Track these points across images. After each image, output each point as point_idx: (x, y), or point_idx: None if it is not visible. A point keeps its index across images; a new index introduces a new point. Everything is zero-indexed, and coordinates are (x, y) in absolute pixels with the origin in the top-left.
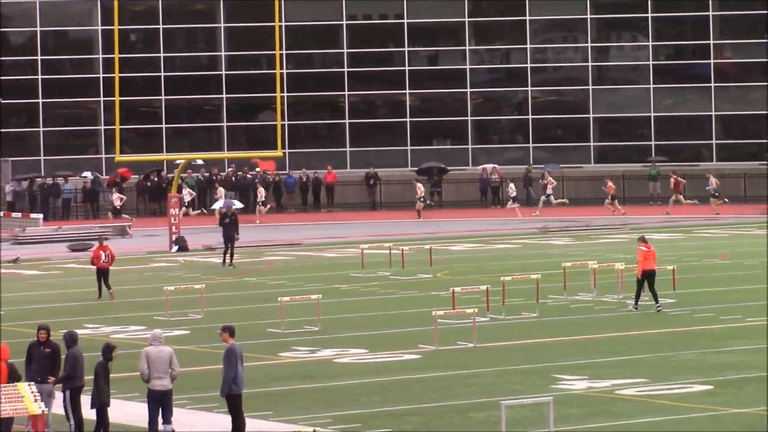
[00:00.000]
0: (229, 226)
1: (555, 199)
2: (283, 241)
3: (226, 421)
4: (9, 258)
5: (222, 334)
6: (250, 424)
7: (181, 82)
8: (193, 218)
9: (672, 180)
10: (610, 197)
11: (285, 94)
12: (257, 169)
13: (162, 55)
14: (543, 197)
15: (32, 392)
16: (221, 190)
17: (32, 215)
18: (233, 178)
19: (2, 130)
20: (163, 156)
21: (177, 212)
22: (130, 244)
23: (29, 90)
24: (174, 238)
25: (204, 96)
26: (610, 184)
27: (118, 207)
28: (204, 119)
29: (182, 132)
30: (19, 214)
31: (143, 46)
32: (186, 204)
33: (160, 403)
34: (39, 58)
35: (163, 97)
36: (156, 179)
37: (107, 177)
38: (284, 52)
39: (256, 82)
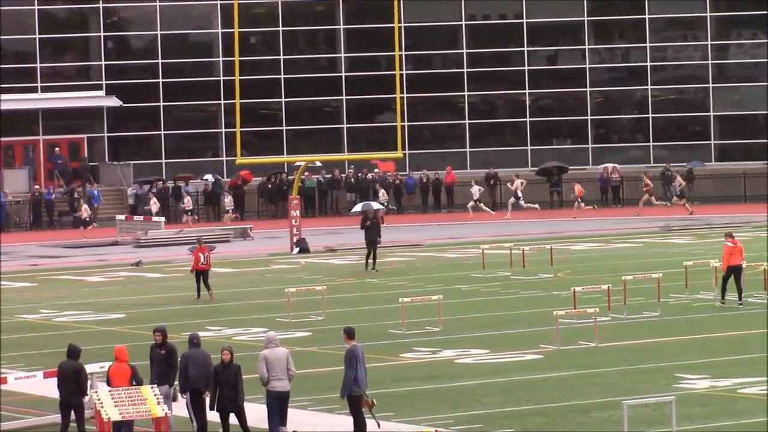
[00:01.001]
0: (371, 229)
1: (525, 203)
2: (404, 242)
3: (347, 422)
4: (131, 261)
5: (344, 335)
6: (372, 425)
7: (301, 84)
8: (312, 219)
9: (644, 181)
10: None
11: (405, 95)
12: (376, 170)
13: (282, 57)
14: (511, 200)
15: (155, 395)
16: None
17: (154, 218)
18: (353, 179)
19: (124, 133)
20: (284, 158)
21: (297, 214)
22: (251, 246)
23: (150, 93)
24: (295, 240)
25: (324, 98)
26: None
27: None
28: (324, 121)
29: (302, 134)
30: (141, 217)
31: (263, 49)
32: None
33: (279, 403)
34: (160, 61)
35: (283, 100)
36: (276, 181)
37: (228, 179)
38: (404, 53)
39: (375, 84)
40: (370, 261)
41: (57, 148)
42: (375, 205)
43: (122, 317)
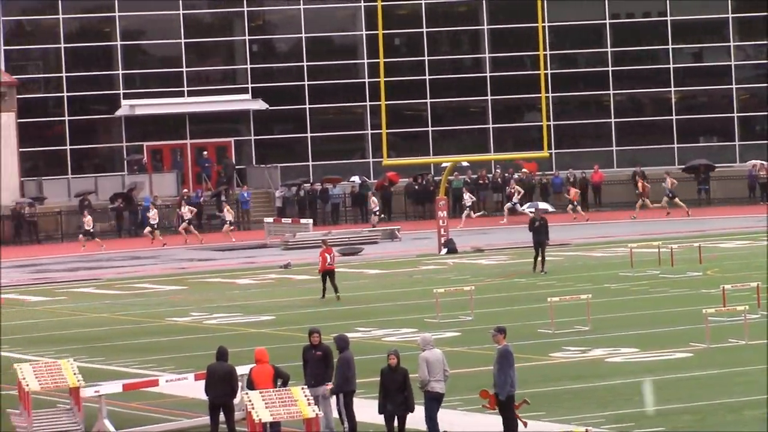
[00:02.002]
0: (539, 230)
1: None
2: (551, 242)
3: (497, 422)
4: (280, 263)
5: (496, 335)
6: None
7: (446, 84)
8: (472, 220)
9: (639, 184)
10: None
11: (550, 95)
12: (523, 170)
13: (426, 58)
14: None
15: (306, 396)
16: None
17: (302, 220)
18: (500, 179)
19: (271, 136)
20: (430, 159)
21: (445, 215)
22: (399, 248)
23: (296, 96)
24: (443, 241)
25: (469, 98)
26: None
27: (89, 229)
28: (470, 121)
29: (448, 134)
30: (289, 220)
31: (407, 50)
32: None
33: (438, 403)
34: (305, 64)
35: (428, 100)
36: (423, 182)
37: (375, 181)
38: (548, 52)
39: (520, 83)
40: (539, 261)
41: (205, 152)
42: (543, 206)
43: (272, 319)
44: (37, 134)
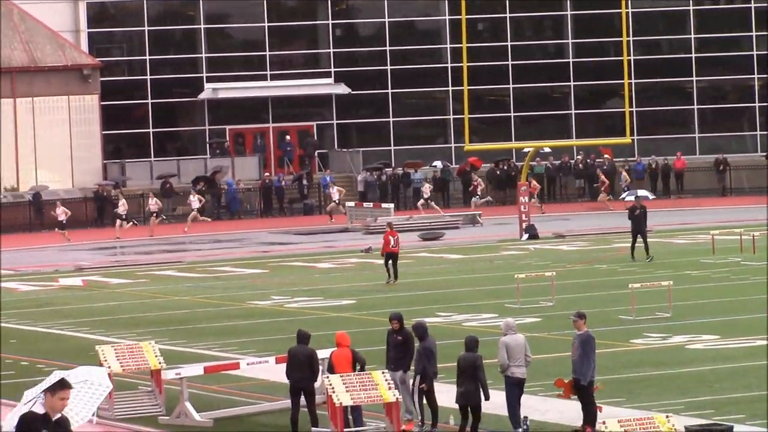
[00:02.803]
0: (639, 219)
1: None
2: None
3: (576, 407)
4: (361, 247)
5: (576, 321)
6: (604, 410)
7: (529, 70)
8: (534, 208)
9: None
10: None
11: (633, 81)
12: (606, 156)
13: (509, 43)
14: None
15: (386, 380)
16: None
17: (383, 205)
18: (581, 165)
19: (353, 120)
20: (512, 144)
21: (526, 200)
22: (480, 233)
23: (379, 81)
24: (524, 226)
25: (552, 84)
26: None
27: (62, 220)
28: (552, 107)
29: (530, 120)
30: (371, 204)
31: (490, 35)
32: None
33: (519, 389)
34: (387, 48)
35: (510, 86)
36: (505, 167)
37: (456, 166)
38: (631, 38)
39: (603, 69)
40: (636, 248)
41: (287, 136)
42: (643, 194)
43: (352, 303)
44: (120, 117)
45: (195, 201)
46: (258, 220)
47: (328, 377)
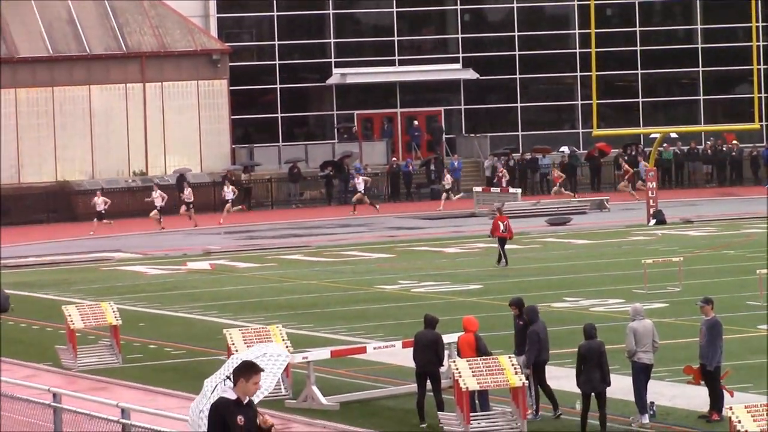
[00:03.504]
0: None
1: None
2: (759, 214)
3: (703, 393)
4: (488, 232)
5: (703, 306)
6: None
7: (657, 56)
8: (669, 191)
9: (623, 167)
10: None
11: (761, 67)
12: (734, 142)
13: (638, 29)
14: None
15: (513, 365)
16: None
17: (511, 190)
18: (710, 151)
19: (481, 106)
20: (639, 130)
21: (654, 186)
22: (608, 218)
23: (507, 66)
24: (652, 212)
25: (680, 69)
26: (557, 174)
27: (102, 210)
28: (680, 92)
29: (658, 105)
30: (498, 189)
31: (619, 21)
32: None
33: (646, 375)
34: (516, 34)
35: (639, 72)
36: (633, 153)
37: (584, 151)
38: (760, 24)
39: (732, 55)
40: None
41: (415, 121)
42: None
43: (479, 288)
44: (249, 102)
45: (229, 192)
46: (386, 204)
47: (454, 361)
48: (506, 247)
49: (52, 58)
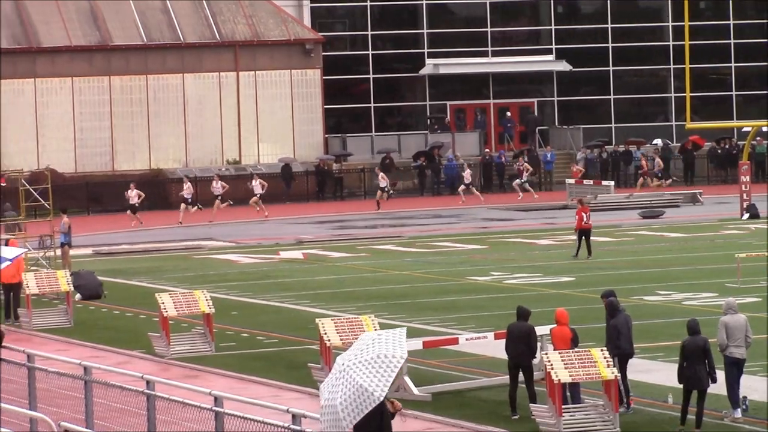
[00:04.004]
0: None
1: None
2: None
3: None
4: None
5: None
6: None
7: (751, 49)
8: (763, 185)
9: (642, 162)
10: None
11: None
12: None
13: (731, 22)
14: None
15: (605, 357)
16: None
17: (603, 182)
18: None
19: (574, 97)
20: (733, 123)
21: (747, 179)
22: (701, 212)
23: (600, 58)
24: (745, 206)
25: None
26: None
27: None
28: None
29: (752, 99)
30: (591, 182)
31: (712, 14)
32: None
33: (738, 369)
34: (609, 26)
35: (732, 65)
36: (726, 146)
37: (677, 144)
38: None
39: None
40: None
41: (508, 112)
42: None
43: (572, 280)
44: (342, 91)
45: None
46: (477, 195)
47: (546, 354)
48: (593, 239)
49: (146, 46)
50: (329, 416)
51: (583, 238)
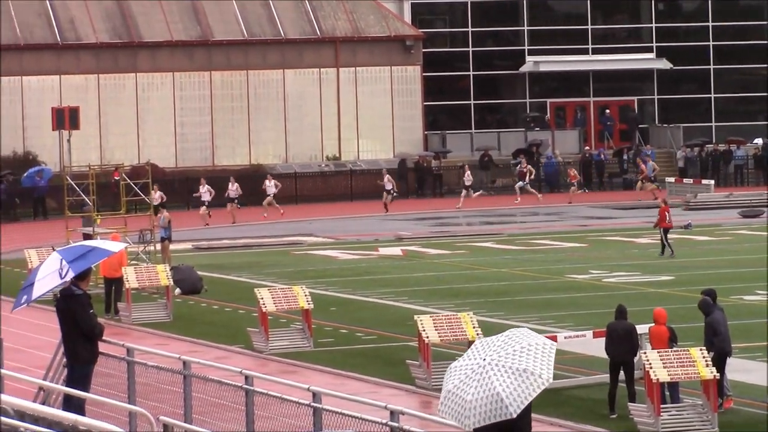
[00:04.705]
0: None
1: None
2: None
3: None
4: (681, 223)
5: None
6: None
7: None
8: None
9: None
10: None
11: None
12: None
13: None
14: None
15: (704, 357)
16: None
17: (704, 181)
18: None
19: (674, 96)
20: None
21: None
22: None
23: (700, 56)
24: None
25: None
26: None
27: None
28: None
29: None
30: (691, 180)
31: None
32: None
33: None
34: (710, 24)
35: None
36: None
37: None
38: None
39: None
40: None
41: (607, 110)
42: None
43: (671, 279)
44: (441, 88)
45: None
46: (577, 193)
47: (645, 353)
48: (701, 238)
49: (247, 41)
50: (453, 405)
51: (665, 235)
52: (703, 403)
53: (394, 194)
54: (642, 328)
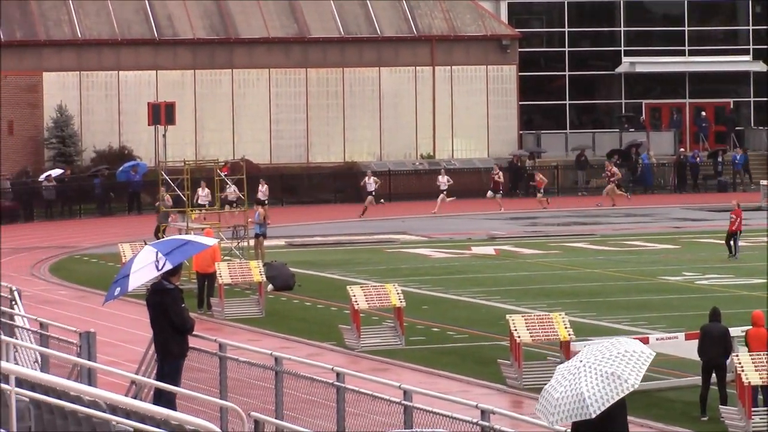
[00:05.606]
0: None
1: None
2: None
3: None
4: None
5: None
6: None
7: None
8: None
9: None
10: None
11: None
12: None
13: None
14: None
15: None
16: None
17: None
18: None
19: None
20: None
21: None
22: None
23: None
24: None
25: None
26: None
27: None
28: None
29: None
30: None
31: None
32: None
33: None
34: None
35: None
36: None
37: None
38: None
39: None
40: None
41: (703, 112)
42: None
43: (763, 282)
44: (537, 88)
45: (371, 183)
46: (671, 195)
47: (737, 355)
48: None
49: (343, 39)
50: (544, 402)
51: (732, 240)
52: None
53: (375, 196)
54: (734, 331)
